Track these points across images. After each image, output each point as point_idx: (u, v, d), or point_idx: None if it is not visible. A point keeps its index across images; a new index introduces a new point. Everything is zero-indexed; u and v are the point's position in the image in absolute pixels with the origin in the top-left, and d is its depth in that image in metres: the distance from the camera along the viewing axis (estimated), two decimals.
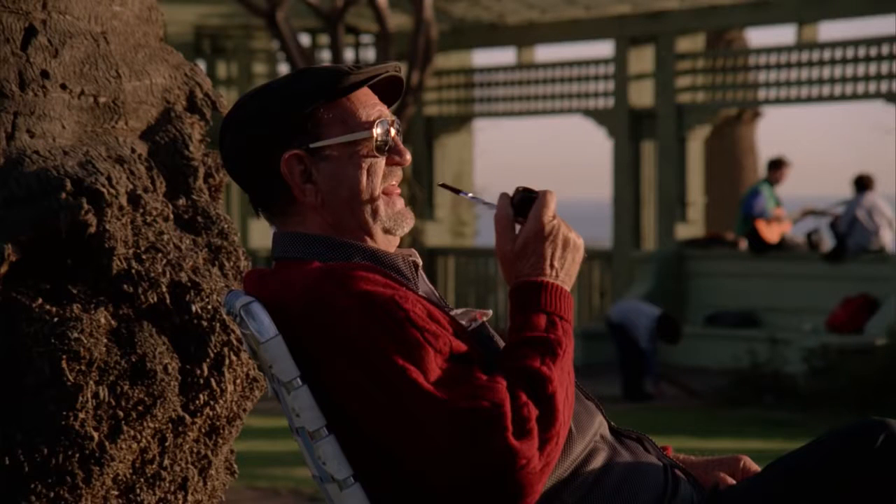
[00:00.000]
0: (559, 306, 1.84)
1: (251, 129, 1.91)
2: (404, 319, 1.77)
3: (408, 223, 1.94)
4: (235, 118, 1.94)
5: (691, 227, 13.64)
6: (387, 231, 1.93)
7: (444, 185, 1.97)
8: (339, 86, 1.90)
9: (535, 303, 1.83)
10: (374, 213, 1.91)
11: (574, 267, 1.88)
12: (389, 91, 1.98)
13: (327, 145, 1.90)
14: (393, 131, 1.93)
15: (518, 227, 1.88)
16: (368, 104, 1.93)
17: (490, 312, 1.94)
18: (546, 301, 1.83)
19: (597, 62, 14.01)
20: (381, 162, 1.91)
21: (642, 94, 13.75)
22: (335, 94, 1.90)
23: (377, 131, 1.91)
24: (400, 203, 1.94)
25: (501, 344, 1.92)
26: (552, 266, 1.86)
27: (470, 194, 1.94)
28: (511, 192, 1.91)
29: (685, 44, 13.63)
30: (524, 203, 1.88)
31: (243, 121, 1.92)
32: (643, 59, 13.73)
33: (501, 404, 1.73)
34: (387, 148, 1.92)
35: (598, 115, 13.97)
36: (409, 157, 1.94)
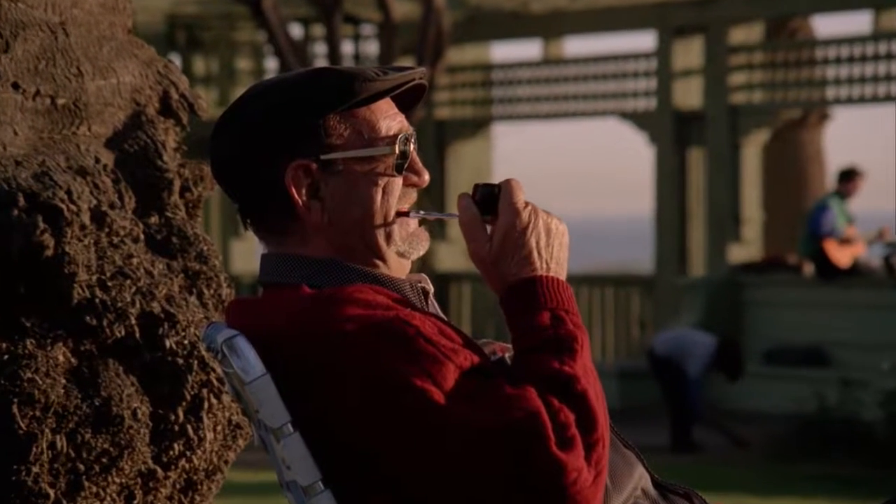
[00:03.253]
0: (560, 299, 1.87)
1: (256, 130, 1.92)
2: (415, 336, 1.80)
3: (423, 245, 1.97)
4: (238, 115, 1.95)
5: (747, 249, 13.63)
6: (401, 255, 1.95)
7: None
8: (363, 94, 1.92)
9: (534, 301, 1.86)
10: (389, 236, 1.94)
11: (563, 253, 1.90)
12: (406, 97, 2.00)
13: (341, 158, 1.92)
14: (412, 147, 1.95)
15: (490, 227, 1.91)
16: (389, 115, 1.95)
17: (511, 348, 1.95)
18: (545, 297, 1.86)
19: (636, 57, 14.04)
20: (399, 182, 1.94)
21: (689, 94, 13.77)
22: (358, 101, 1.92)
23: (398, 147, 1.93)
24: (413, 223, 1.96)
25: None
26: (540, 257, 1.88)
27: (421, 212, 1.96)
28: (475, 195, 1.92)
29: (740, 34, 13.65)
30: (488, 199, 1.91)
31: (247, 119, 1.93)
32: (690, 52, 13.76)
33: (538, 412, 1.76)
34: (404, 166, 1.94)
35: (637, 118, 13.99)
36: (427, 176, 1.97)
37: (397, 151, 1.92)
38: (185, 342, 2.49)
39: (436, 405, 1.76)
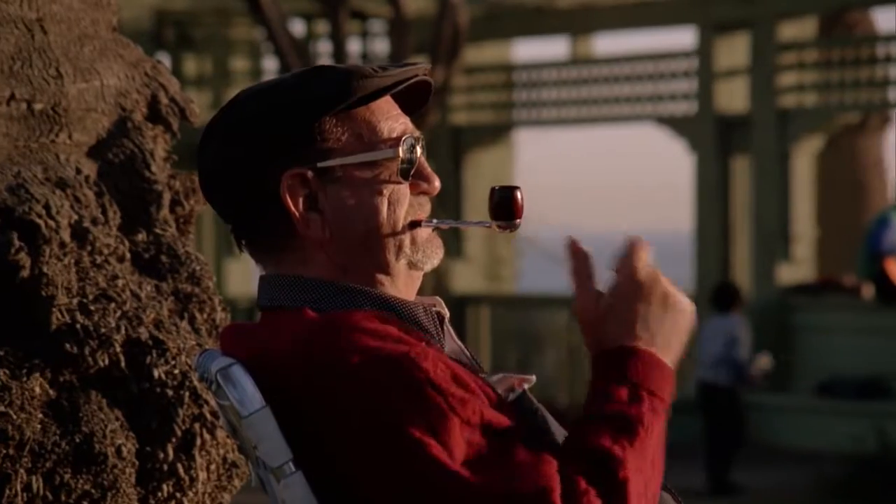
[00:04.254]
0: (651, 378, 1.84)
1: (245, 139, 1.93)
2: (423, 382, 1.80)
3: (437, 253, 1.97)
4: (226, 122, 1.96)
5: (798, 269, 13.60)
6: (413, 266, 1.96)
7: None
8: (360, 92, 1.92)
9: (620, 371, 1.84)
10: (398, 249, 1.94)
11: (676, 333, 1.88)
12: (410, 97, 2.00)
13: (340, 165, 1.92)
14: (419, 151, 1.96)
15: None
16: (392, 115, 1.96)
17: (533, 378, 1.95)
18: (633, 370, 1.84)
19: (674, 55, 14.05)
20: (406, 189, 1.94)
21: (733, 96, 13.76)
22: (355, 101, 1.93)
23: (402, 151, 1.93)
24: (427, 230, 1.96)
25: (547, 418, 1.93)
26: (647, 328, 1.86)
27: (435, 221, 1.97)
28: (492, 197, 1.94)
29: (790, 30, 13.64)
30: (505, 203, 1.93)
31: (237, 126, 1.94)
32: (735, 50, 13.76)
33: (548, 489, 1.74)
34: (411, 171, 1.95)
35: (675, 124, 13.99)
36: (437, 183, 1.98)
37: (401, 155, 1.93)
38: (176, 372, 2.50)
39: (431, 459, 1.76)
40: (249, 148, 1.93)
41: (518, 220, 1.94)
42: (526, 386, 1.94)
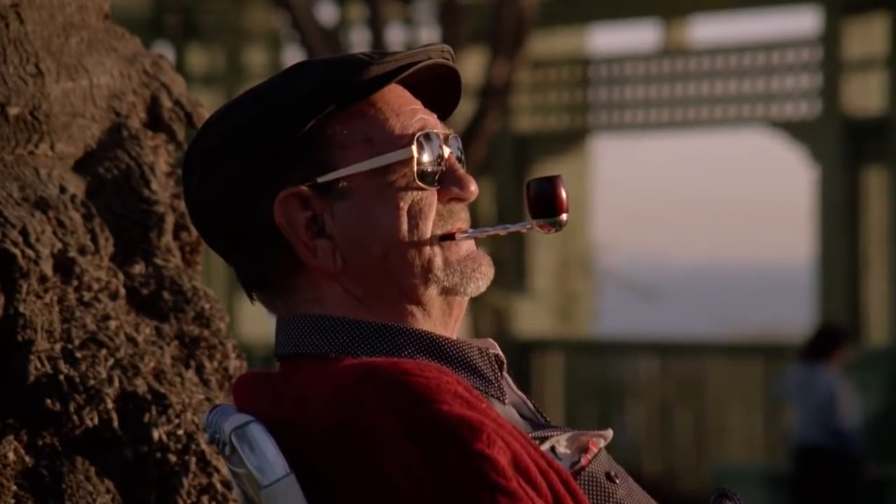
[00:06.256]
0: None
1: (227, 161, 1.94)
2: (474, 471, 1.79)
3: (482, 272, 1.95)
4: (203, 147, 1.97)
5: None
6: (449, 292, 1.95)
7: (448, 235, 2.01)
8: (356, 83, 1.93)
9: None
10: (426, 272, 1.93)
11: None
12: (440, 94, 2.01)
13: (345, 177, 1.93)
14: (447, 150, 1.95)
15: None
16: (404, 110, 1.96)
17: (609, 434, 1.95)
18: None
19: (794, 44, 14.00)
20: (431, 196, 1.94)
21: (866, 94, 13.69)
22: (351, 96, 1.93)
23: (420, 149, 1.93)
24: (466, 245, 1.95)
25: (630, 485, 1.92)
26: None
27: (469, 230, 1.96)
28: (528, 192, 1.97)
29: None
30: (545, 198, 1.95)
31: (215, 150, 1.95)
32: (869, 37, 13.69)
33: None
34: (437, 176, 1.95)
35: (793, 128, 13.93)
36: (473, 187, 1.96)
37: (416, 155, 1.92)
38: (180, 433, 2.52)
39: None
40: (232, 173, 1.93)
41: (563, 217, 1.95)
42: (602, 443, 1.94)
